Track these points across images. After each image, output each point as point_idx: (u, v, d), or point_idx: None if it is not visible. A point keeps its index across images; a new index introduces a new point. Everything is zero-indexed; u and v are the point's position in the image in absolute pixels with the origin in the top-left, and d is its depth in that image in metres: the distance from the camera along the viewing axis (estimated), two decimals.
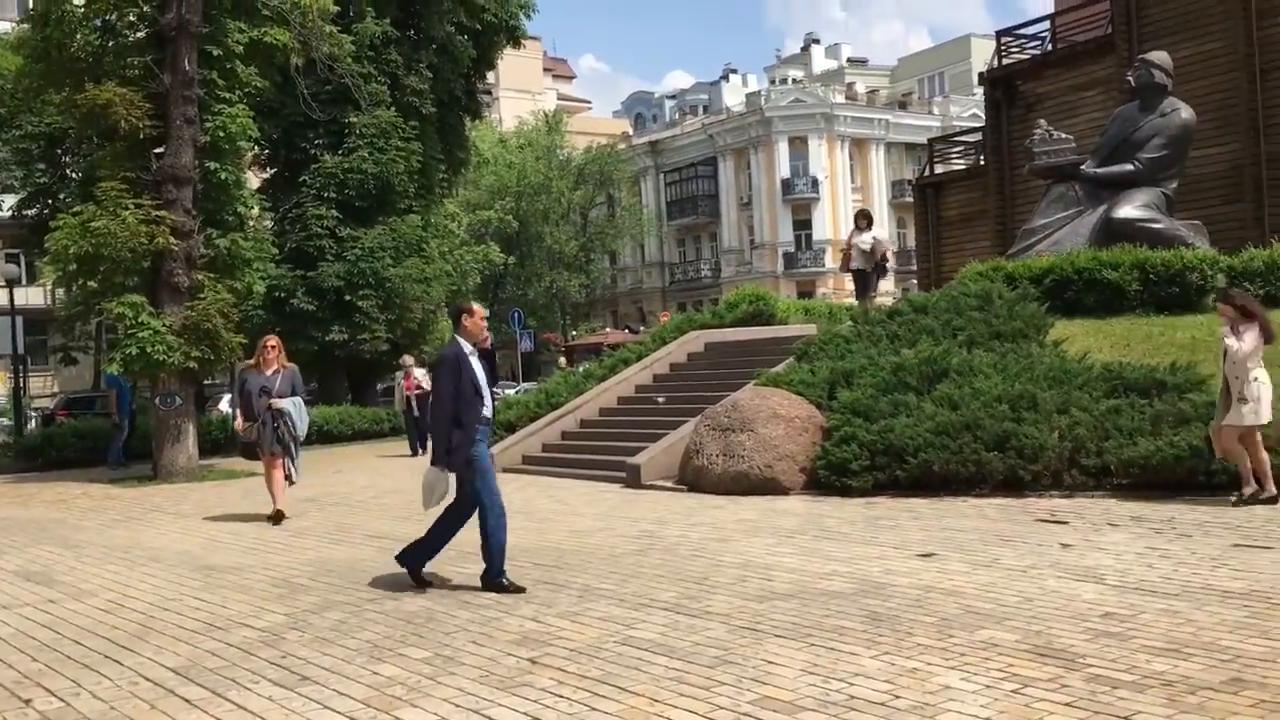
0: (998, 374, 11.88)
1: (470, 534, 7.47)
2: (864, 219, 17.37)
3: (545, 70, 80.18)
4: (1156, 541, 8.06)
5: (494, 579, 7.33)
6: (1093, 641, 5.41)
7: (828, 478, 11.52)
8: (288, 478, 11.51)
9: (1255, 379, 9.47)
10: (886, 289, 56.39)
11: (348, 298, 25.52)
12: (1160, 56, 16.89)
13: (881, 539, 8.75)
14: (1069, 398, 11.20)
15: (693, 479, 12.56)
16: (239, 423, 11.64)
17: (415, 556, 7.60)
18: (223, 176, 17.79)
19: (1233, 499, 9.53)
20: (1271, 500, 9.42)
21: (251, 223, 21.44)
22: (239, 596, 7.63)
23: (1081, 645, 5.36)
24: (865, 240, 16.82)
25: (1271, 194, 22.16)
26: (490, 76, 40.48)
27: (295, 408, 11.43)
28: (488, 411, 7.43)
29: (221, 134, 17.49)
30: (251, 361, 11.87)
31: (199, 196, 17.56)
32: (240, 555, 9.50)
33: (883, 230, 17.47)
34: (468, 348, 7.37)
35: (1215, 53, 22.84)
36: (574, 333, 59.54)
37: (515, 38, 30.56)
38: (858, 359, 13.28)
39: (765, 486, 11.76)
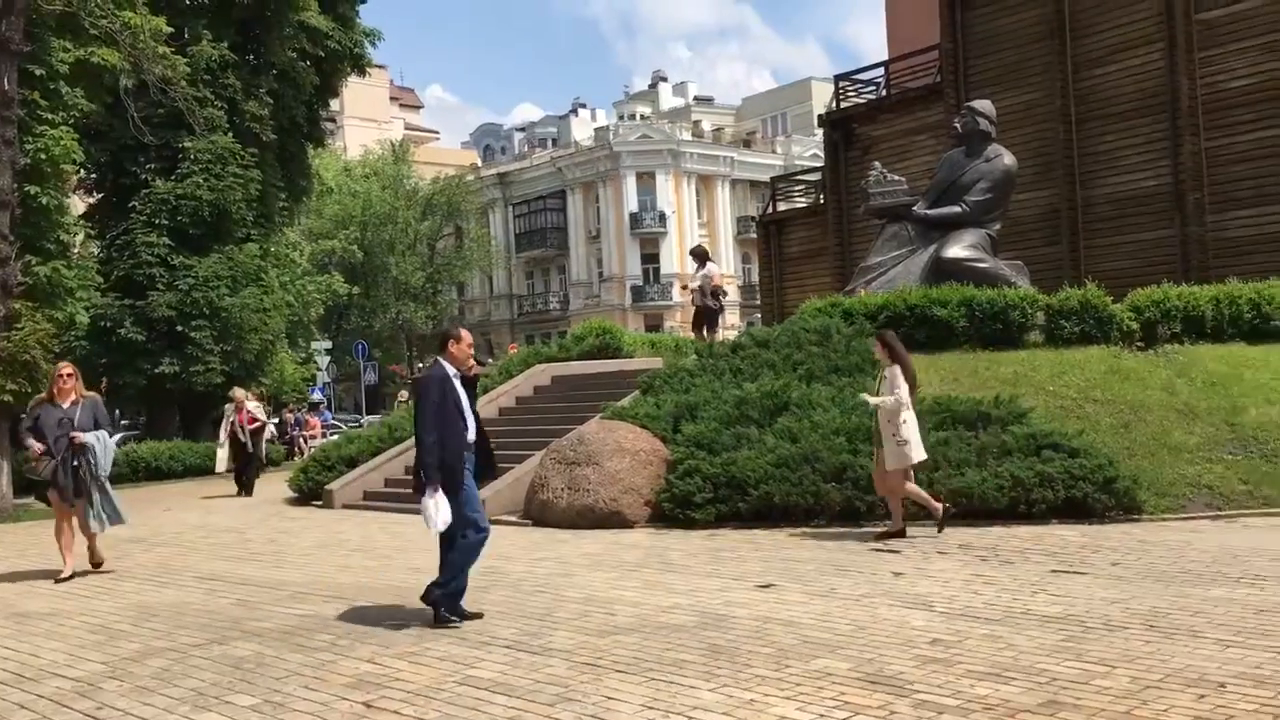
0: (836, 407, 12.22)
1: (316, 572, 7.25)
2: (696, 257, 17.75)
3: (392, 99, 79.30)
4: (981, 569, 8.40)
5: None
6: (921, 668, 5.59)
7: (672, 510, 11.62)
8: (93, 525, 10.17)
9: (904, 420, 9.89)
10: (734, 323, 57.46)
11: (180, 328, 24.57)
12: (985, 105, 17.77)
13: (723, 571, 8.86)
14: None
15: (538, 513, 12.50)
16: (34, 451, 10.07)
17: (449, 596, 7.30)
18: (44, 201, 16.96)
19: (879, 531, 10.20)
20: (900, 534, 9.98)
21: (75, 250, 20.47)
22: (53, 645, 7.20)
23: (910, 672, 5.52)
24: (697, 278, 17.27)
25: (1086, 237, 23.57)
26: (334, 104, 39.77)
27: (99, 442, 10.12)
28: (471, 436, 7.30)
29: (43, 156, 16.69)
30: (44, 395, 10.55)
31: (17, 222, 16.65)
32: (57, 600, 8.98)
33: (715, 265, 17.77)
34: (452, 371, 7.29)
35: (1035, 103, 24.23)
36: (420, 365, 58.71)
37: (360, 66, 30.14)
38: (702, 392, 13.46)
39: (610, 520, 11.78)
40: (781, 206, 33.20)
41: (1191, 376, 13.18)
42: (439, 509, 6.96)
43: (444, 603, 7.20)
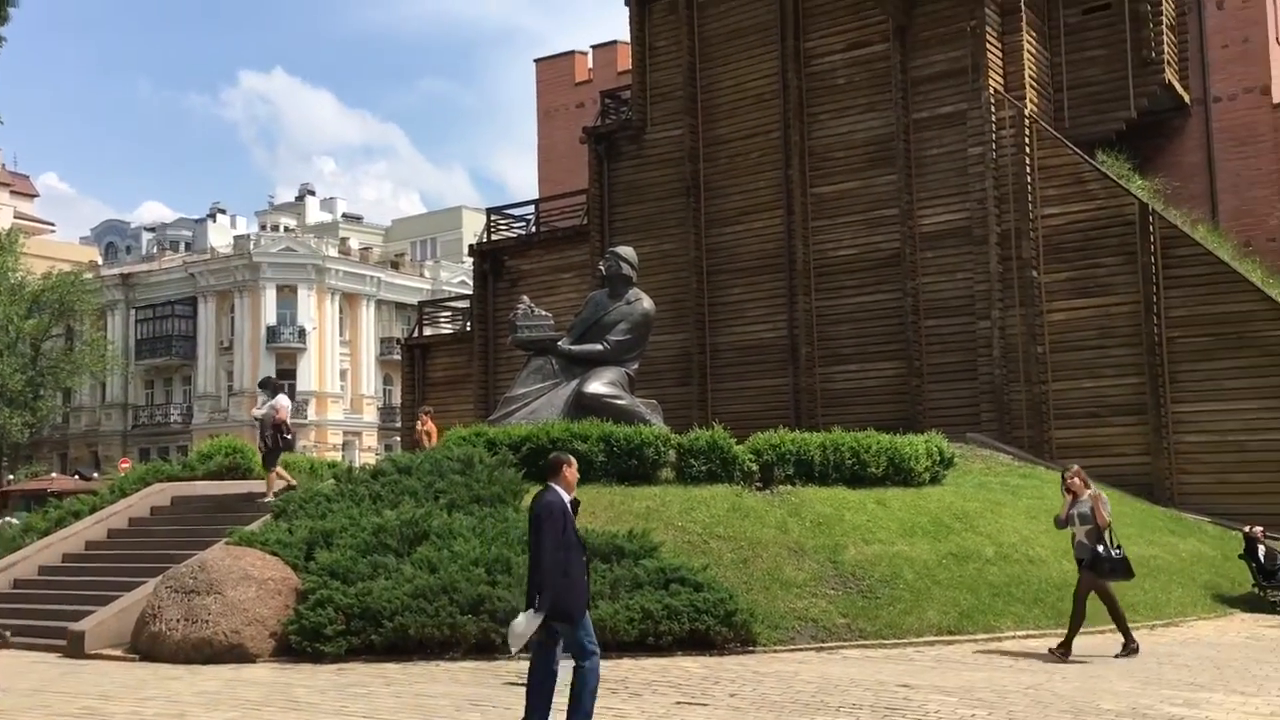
0: (476, 537, 12.22)
1: None
2: (267, 388, 16.67)
3: (2, 184, 72.42)
4: (613, 701, 8.60)
5: None
6: None
7: (300, 643, 11.08)
8: None
9: None
10: (370, 445, 56.01)
11: None
12: (627, 251, 18.87)
13: (352, 709, 8.51)
14: None
15: (148, 647, 11.49)
16: None
17: None
18: None
19: None
20: None
21: None
22: None
23: None
24: (263, 409, 16.13)
25: (713, 380, 25.33)
26: None
27: None
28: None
29: None
30: None
31: None
32: None
33: (284, 397, 16.37)
34: (566, 496, 7.45)
35: (672, 252, 26.04)
36: (11, 476, 52.61)
37: None
38: (339, 519, 13.03)
39: (231, 654, 11.04)
40: (428, 331, 33.25)
41: (802, 516, 14.33)
42: (529, 630, 7.10)
43: None
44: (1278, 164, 25.17)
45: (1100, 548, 11.56)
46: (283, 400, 16.09)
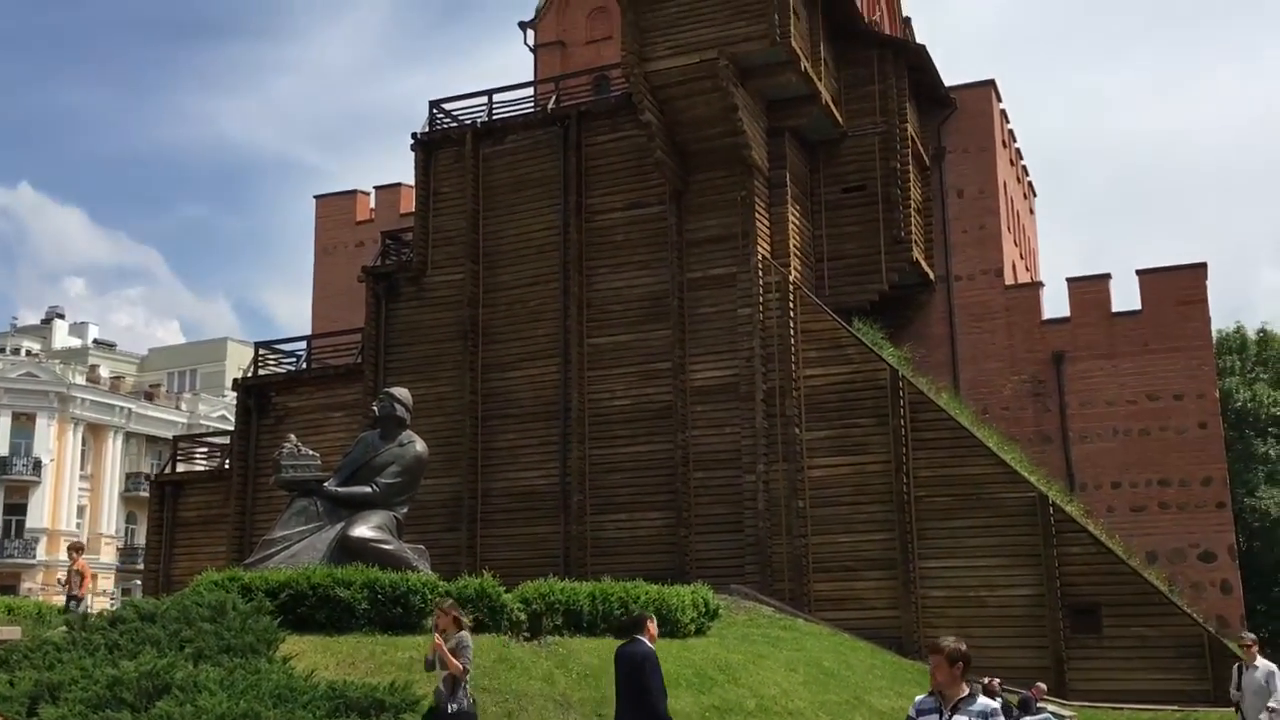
0: (224, 691, 11.42)
1: None
2: None
3: None
4: None
5: None
6: None
7: None
8: None
9: None
10: (106, 588, 51.79)
11: None
12: (401, 392, 18.59)
13: None
14: (293, 716, 11.09)
15: None
16: None
17: None
18: None
19: None
20: None
21: None
22: None
23: None
24: None
25: (484, 526, 25.02)
26: None
27: None
28: None
29: None
30: None
31: None
32: None
33: None
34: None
35: (447, 395, 25.89)
36: None
37: None
38: (69, 670, 11.92)
39: None
40: (182, 467, 31.51)
41: (569, 668, 14.15)
42: None
43: None
44: (1009, 340, 27.68)
45: (451, 700, 10.60)
46: None
